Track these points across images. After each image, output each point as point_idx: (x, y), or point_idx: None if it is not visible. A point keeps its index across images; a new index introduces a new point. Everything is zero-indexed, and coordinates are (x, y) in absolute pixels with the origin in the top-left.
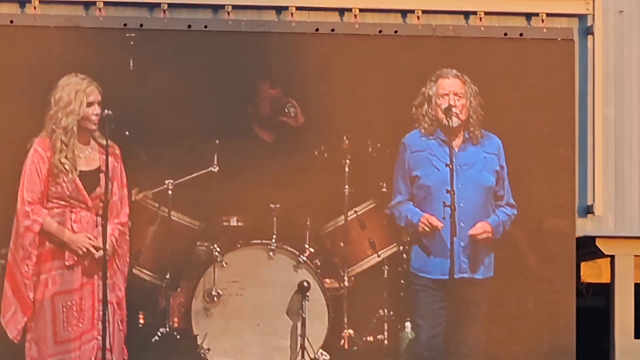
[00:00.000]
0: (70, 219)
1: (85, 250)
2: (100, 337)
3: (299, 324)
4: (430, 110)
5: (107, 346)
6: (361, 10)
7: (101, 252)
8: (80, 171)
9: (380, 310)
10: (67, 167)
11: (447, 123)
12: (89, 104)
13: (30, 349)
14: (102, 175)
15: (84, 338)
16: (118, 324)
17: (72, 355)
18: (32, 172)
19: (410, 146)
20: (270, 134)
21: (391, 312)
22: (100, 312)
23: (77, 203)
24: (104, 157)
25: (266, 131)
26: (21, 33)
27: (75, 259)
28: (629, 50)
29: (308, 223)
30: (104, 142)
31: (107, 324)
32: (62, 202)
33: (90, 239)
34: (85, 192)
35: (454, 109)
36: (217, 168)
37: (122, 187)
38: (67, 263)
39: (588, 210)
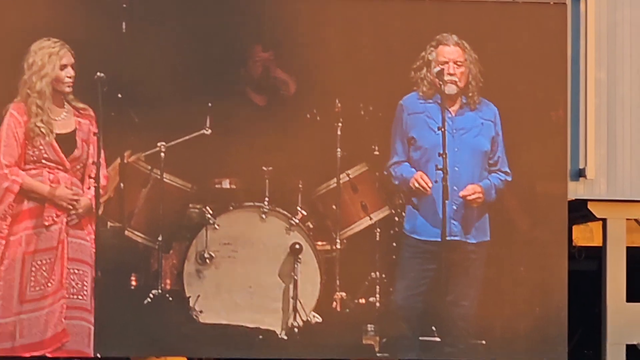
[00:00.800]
0: (49, 179)
1: (69, 201)
2: (72, 297)
3: (291, 286)
4: (429, 74)
5: (88, 307)
6: None
7: (82, 208)
8: (56, 134)
9: (372, 273)
10: (43, 130)
11: (440, 87)
12: (62, 67)
13: None
14: (79, 137)
15: (53, 298)
16: (93, 287)
17: (39, 314)
18: (8, 136)
19: (408, 108)
20: (262, 97)
21: (383, 275)
22: (72, 272)
23: (55, 165)
24: (79, 120)
25: (258, 94)
26: None
27: (54, 219)
28: (621, 14)
29: (300, 186)
30: (80, 105)
31: (84, 284)
32: (40, 164)
33: (72, 191)
34: (63, 155)
35: (451, 77)
36: (210, 131)
37: (101, 150)
38: (45, 223)
39: (580, 174)
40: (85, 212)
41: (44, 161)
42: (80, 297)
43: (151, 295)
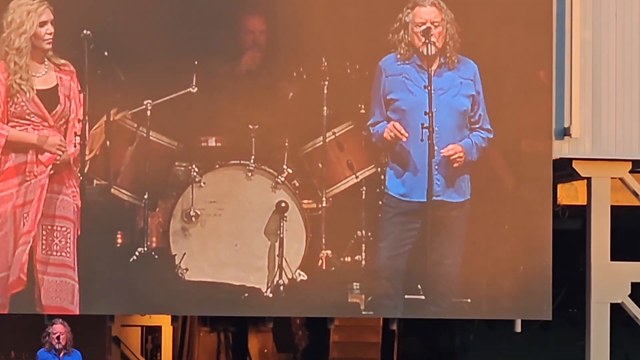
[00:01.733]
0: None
1: (58, 147)
2: (55, 254)
3: (277, 244)
4: (406, 36)
5: (72, 264)
6: None
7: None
8: (37, 90)
9: (358, 232)
10: (23, 87)
11: (424, 50)
12: (42, 24)
13: None
14: (61, 93)
15: (22, 240)
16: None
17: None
18: None
19: (386, 70)
20: (249, 56)
21: (369, 233)
22: (56, 228)
23: (39, 120)
24: (60, 76)
25: (244, 53)
26: None
27: (36, 173)
28: None
29: (286, 144)
30: (61, 62)
31: (67, 241)
32: (23, 121)
33: (59, 138)
34: (46, 110)
35: (432, 36)
36: (196, 89)
37: (80, 106)
38: (27, 178)
39: (565, 133)
40: (65, 166)
41: (27, 117)
42: (63, 254)
43: (137, 253)
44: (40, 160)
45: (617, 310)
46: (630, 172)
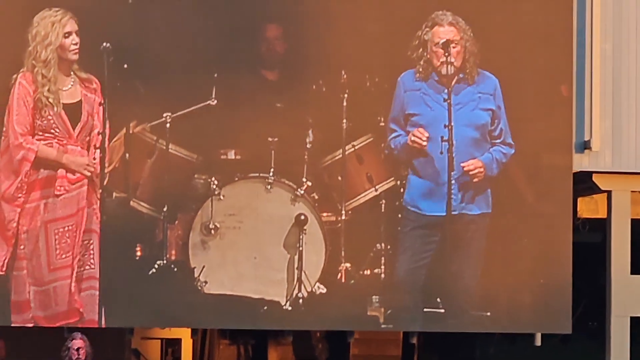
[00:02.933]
0: (59, 151)
1: (85, 167)
2: (88, 266)
3: (296, 257)
4: (425, 54)
5: (97, 275)
6: None
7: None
8: (63, 104)
9: (377, 244)
10: (51, 100)
11: (443, 69)
12: (66, 34)
13: (29, 275)
14: (85, 108)
15: (75, 265)
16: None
17: (66, 282)
18: (19, 106)
19: (405, 84)
20: (272, 69)
21: (388, 246)
22: (85, 243)
23: (64, 135)
24: (84, 91)
25: (268, 66)
26: None
27: (66, 188)
28: None
29: (306, 157)
30: (84, 76)
31: (91, 253)
32: (48, 135)
33: (87, 158)
34: (70, 125)
35: (443, 57)
36: (216, 101)
37: (105, 120)
38: (56, 193)
39: (585, 146)
40: (87, 179)
41: (52, 131)
42: (89, 266)
43: (156, 266)
44: (69, 176)
45: (637, 324)
46: None
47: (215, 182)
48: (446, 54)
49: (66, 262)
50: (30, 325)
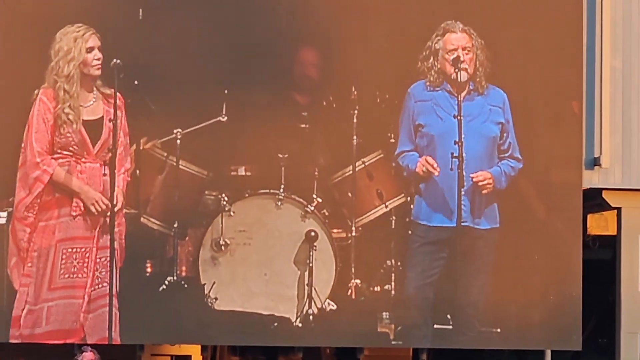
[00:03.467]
0: (77, 170)
1: (93, 202)
2: (104, 285)
3: (306, 274)
4: (436, 63)
5: (108, 292)
6: None
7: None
8: (83, 120)
9: (388, 261)
10: (71, 117)
11: (455, 76)
12: (89, 49)
13: (28, 293)
14: (106, 125)
15: (87, 287)
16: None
17: (63, 302)
18: (39, 122)
19: (415, 95)
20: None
21: (398, 263)
22: (102, 260)
23: (82, 153)
24: (107, 108)
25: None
26: None
27: (82, 209)
28: (637, 2)
29: (316, 173)
30: (107, 92)
31: (113, 272)
32: (67, 153)
33: (99, 195)
34: (90, 143)
35: (462, 64)
36: (226, 118)
37: (126, 135)
38: (73, 213)
39: (595, 163)
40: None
41: (71, 149)
42: (105, 284)
43: (166, 282)
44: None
45: None
46: None
47: (226, 199)
48: (456, 69)
49: (67, 282)
50: (17, 341)
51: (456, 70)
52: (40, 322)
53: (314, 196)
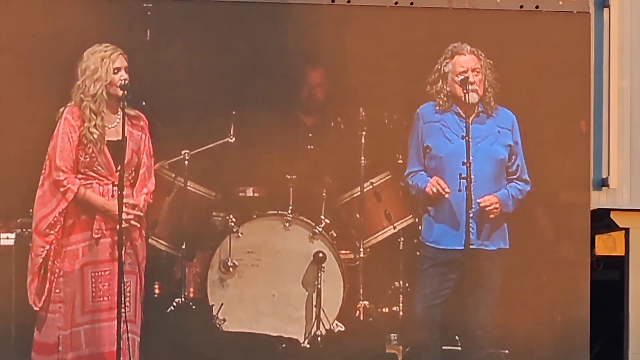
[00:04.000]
0: (99, 192)
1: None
2: (124, 310)
3: (314, 295)
4: (445, 86)
5: (132, 318)
6: None
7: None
8: (107, 141)
9: (396, 282)
10: (95, 136)
11: (464, 98)
12: (116, 70)
13: (59, 320)
14: (130, 146)
15: (114, 311)
16: (140, 300)
17: (101, 325)
18: (64, 141)
19: (424, 116)
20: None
21: (407, 284)
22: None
23: (106, 174)
24: (130, 129)
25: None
26: (37, 4)
27: (104, 231)
28: None
29: (324, 194)
30: (132, 113)
31: (124, 296)
32: (91, 174)
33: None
34: (113, 163)
35: (471, 85)
36: (234, 139)
37: (150, 157)
38: (95, 235)
39: (603, 183)
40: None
41: (95, 169)
42: (126, 309)
43: (174, 304)
44: (105, 220)
45: None
46: None
47: (234, 220)
48: (464, 91)
49: (100, 305)
50: None
51: (465, 91)
52: (79, 346)
53: (322, 217)
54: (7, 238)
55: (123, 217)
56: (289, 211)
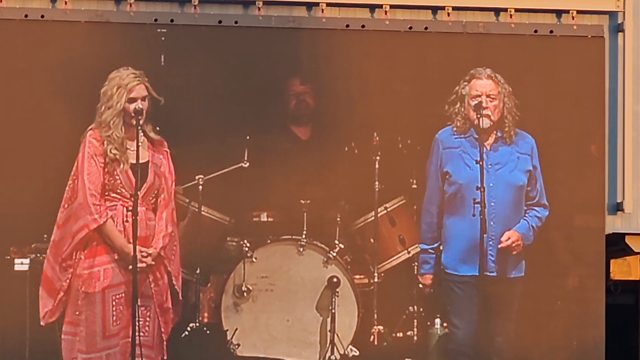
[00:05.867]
0: (123, 214)
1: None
2: (141, 336)
3: (329, 320)
4: (462, 109)
5: (150, 344)
6: (392, 6)
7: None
8: (131, 164)
9: (410, 307)
10: (118, 157)
11: (477, 122)
12: (131, 100)
13: (80, 342)
14: (151, 169)
15: (125, 333)
16: (159, 325)
17: (120, 350)
18: (90, 164)
19: (443, 142)
20: (304, 130)
21: (421, 309)
22: (142, 309)
23: (129, 196)
24: (152, 152)
25: (300, 127)
26: (52, 28)
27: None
28: None
29: (338, 219)
30: (154, 137)
31: (136, 323)
32: (115, 195)
33: (142, 251)
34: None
35: (484, 110)
36: (248, 164)
37: (172, 182)
38: (115, 257)
39: (618, 208)
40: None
41: (119, 191)
42: (143, 333)
43: (189, 329)
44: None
45: None
46: None
47: (248, 245)
48: (478, 115)
49: (120, 329)
50: None
51: (478, 115)
52: None
53: (336, 242)
54: (22, 263)
55: (137, 266)
56: (303, 236)
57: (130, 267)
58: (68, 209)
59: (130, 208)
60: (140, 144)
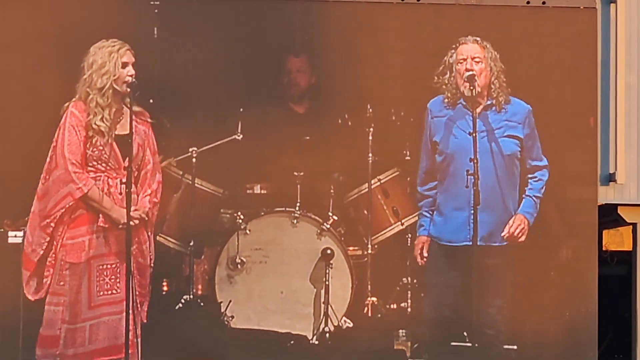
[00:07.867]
0: (108, 184)
1: (122, 224)
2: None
3: (322, 292)
4: (452, 78)
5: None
6: None
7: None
8: (116, 135)
9: (404, 278)
10: (103, 129)
11: (469, 92)
12: (124, 65)
13: (63, 312)
14: (135, 140)
15: (120, 306)
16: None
17: (106, 319)
18: (71, 134)
19: (432, 111)
20: (297, 103)
21: (414, 280)
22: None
23: (114, 168)
24: (136, 123)
25: (293, 100)
26: (43, 1)
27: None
28: None
29: (332, 191)
30: (137, 109)
31: (132, 293)
32: (100, 167)
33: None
34: (121, 157)
35: (468, 72)
36: (241, 136)
37: (154, 154)
38: (101, 224)
39: (610, 178)
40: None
41: (103, 162)
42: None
43: (182, 301)
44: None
45: None
46: None
47: (241, 217)
48: (469, 70)
49: (105, 300)
50: None
51: (465, 80)
52: (83, 342)
53: (330, 214)
54: (15, 236)
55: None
56: (297, 208)
57: (120, 225)
58: (48, 179)
59: (113, 179)
60: (124, 114)
